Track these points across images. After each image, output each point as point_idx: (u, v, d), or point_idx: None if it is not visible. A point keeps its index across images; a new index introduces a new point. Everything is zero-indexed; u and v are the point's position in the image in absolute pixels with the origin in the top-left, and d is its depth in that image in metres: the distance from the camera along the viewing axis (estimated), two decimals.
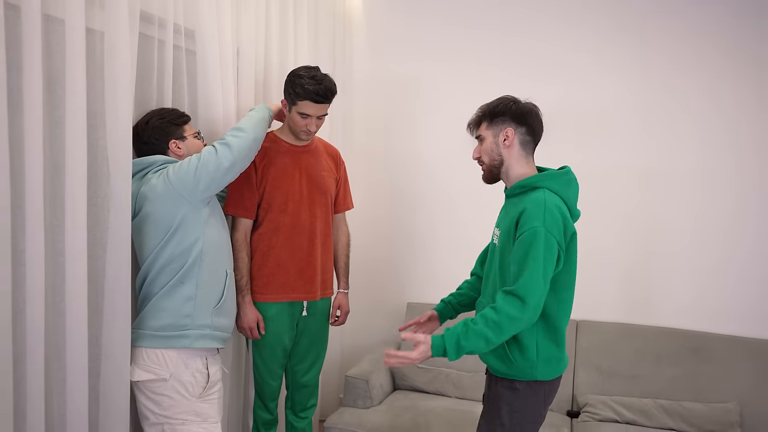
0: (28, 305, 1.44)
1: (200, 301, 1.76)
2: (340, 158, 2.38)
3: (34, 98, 1.41)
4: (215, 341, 1.83)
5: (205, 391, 1.79)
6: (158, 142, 1.83)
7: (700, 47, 2.82)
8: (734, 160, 2.79)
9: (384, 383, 2.88)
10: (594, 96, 2.98)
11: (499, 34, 3.12)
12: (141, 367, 1.72)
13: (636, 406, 2.64)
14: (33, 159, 1.42)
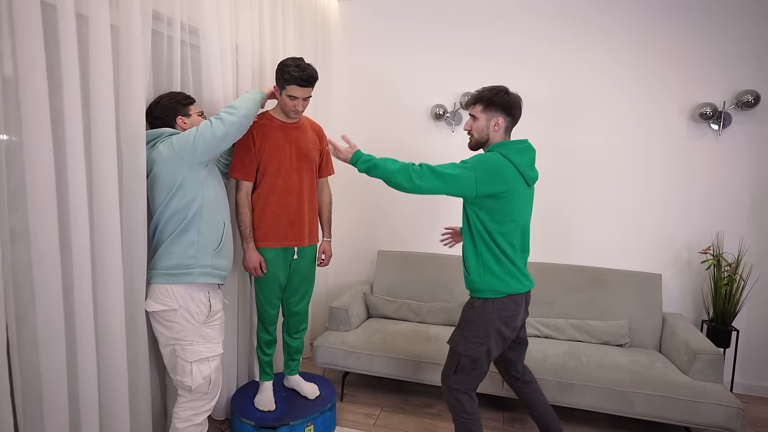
0: (74, 240, 1.47)
1: (201, 245, 1.76)
2: (323, 133, 2.39)
3: (71, 80, 1.40)
4: (215, 278, 1.82)
5: (208, 318, 1.80)
6: (167, 117, 1.82)
7: (614, 50, 2.87)
8: (635, 138, 2.88)
9: (360, 312, 2.96)
10: (562, 87, 3.02)
11: (448, 31, 3.12)
12: (155, 300, 1.73)
13: (552, 325, 2.77)
14: (73, 128, 1.42)
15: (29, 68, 1.28)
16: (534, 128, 3.01)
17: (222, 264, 1.85)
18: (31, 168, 1.32)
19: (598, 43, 2.87)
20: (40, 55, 1.29)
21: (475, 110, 1.87)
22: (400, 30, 3.21)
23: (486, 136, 1.86)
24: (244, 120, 1.77)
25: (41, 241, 1.35)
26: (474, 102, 1.88)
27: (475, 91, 1.91)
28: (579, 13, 2.88)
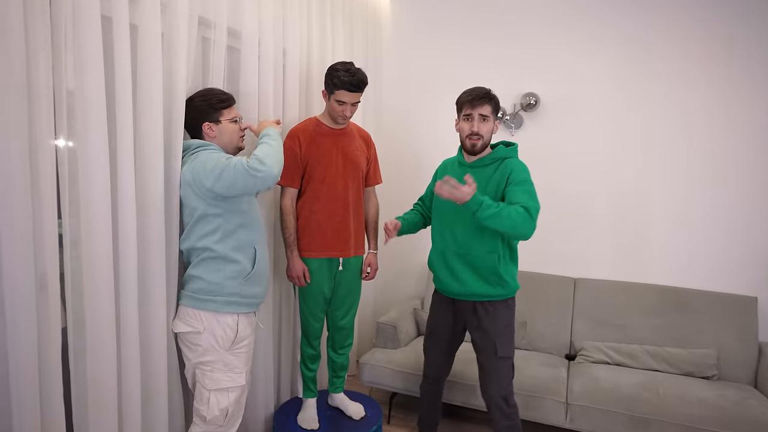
0: (121, 238, 1.60)
1: (228, 273, 1.71)
2: (371, 140, 2.45)
3: (124, 90, 1.54)
4: (243, 307, 1.77)
5: (233, 344, 1.75)
6: (193, 121, 1.76)
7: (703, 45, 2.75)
8: (724, 142, 2.73)
9: (409, 329, 2.97)
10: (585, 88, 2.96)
11: (506, 29, 3.11)
12: (182, 320, 1.74)
13: (624, 351, 2.66)
14: (125, 137, 1.56)
15: (90, 80, 1.42)
16: (601, 129, 2.92)
17: (253, 291, 1.80)
18: (89, 177, 1.46)
19: (686, 38, 2.75)
20: (99, 67, 1.43)
21: (486, 110, 1.96)
22: (455, 28, 3.23)
23: (490, 139, 2.02)
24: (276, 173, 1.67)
25: (96, 247, 1.49)
26: (486, 101, 1.95)
27: (474, 90, 1.98)
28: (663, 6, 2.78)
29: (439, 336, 2.19)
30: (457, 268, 2.04)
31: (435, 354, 2.23)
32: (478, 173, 2.02)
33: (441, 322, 2.18)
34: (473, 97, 1.95)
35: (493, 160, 2.01)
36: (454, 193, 1.80)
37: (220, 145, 1.79)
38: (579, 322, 2.85)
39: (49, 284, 1.37)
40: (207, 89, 1.80)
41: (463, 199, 1.80)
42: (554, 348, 2.84)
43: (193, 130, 1.79)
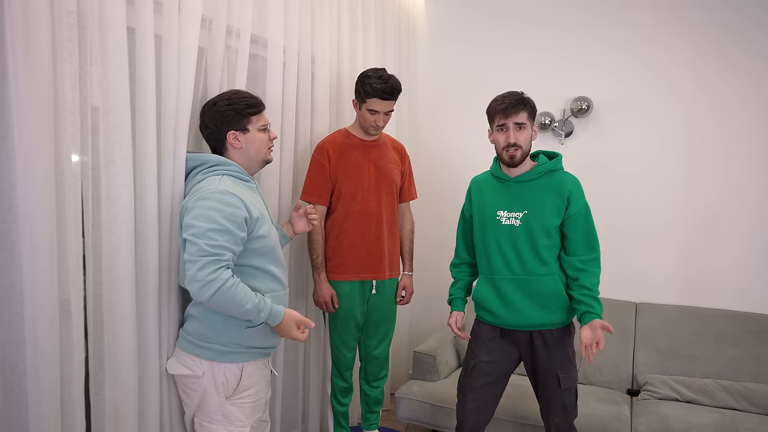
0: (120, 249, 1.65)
1: (227, 319, 1.61)
2: (405, 152, 2.48)
3: (147, 95, 1.60)
4: (246, 356, 1.65)
5: (235, 392, 1.64)
6: (216, 129, 1.67)
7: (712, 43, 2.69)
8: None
9: (449, 359, 2.94)
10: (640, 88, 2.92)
11: (552, 29, 3.11)
12: (179, 361, 1.66)
13: (696, 386, 2.56)
14: (147, 153, 1.63)
15: (117, 95, 1.48)
16: (665, 137, 2.88)
17: (260, 341, 1.68)
18: (110, 199, 1.52)
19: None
20: (125, 81, 1.50)
21: (522, 117, 1.93)
22: (495, 29, 3.25)
23: (530, 148, 1.99)
24: (235, 313, 1.55)
25: (118, 272, 1.54)
26: (521, 108, 1.93)
27: (507, 96, 1.96)
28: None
29: (485, 374, 2.07)
30: (512, 296, 1.99)
31: (476, 397, 2.08)
32: (526, 188, 1.99)
33: (487, 358, 2.06)
34: (506, 105, 1.92)
35: (542, 174, 1.99)
36: (599, 348, 1.89)
37: (246, 157, 1.71)
38: (642, 352, 2.77)
39: (72, 310, 1.41)
40: (233, 92, 1.72)
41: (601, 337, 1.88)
42: (614, 382, 2.76)
43: (214, 140, 1.70)
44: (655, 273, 2.93)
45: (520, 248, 1.97)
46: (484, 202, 2.06)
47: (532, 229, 1.96)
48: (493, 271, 2.03)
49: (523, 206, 1.98)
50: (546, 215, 1.95)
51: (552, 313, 1.98)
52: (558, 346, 2.00)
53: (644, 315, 2.83)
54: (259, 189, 1.82)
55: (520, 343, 2.05)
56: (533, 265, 1.97)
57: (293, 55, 2.25)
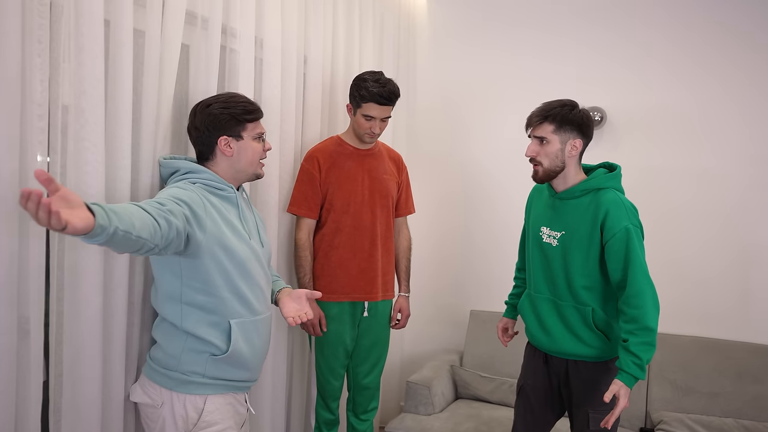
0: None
1: (189, 347, 1.57)
2: (403, 163, 2.49)
3: (124, 94, 1.59)
4: (210, 388, 1.60)
5: (195, 428, 1.58)
6: (207, 132, 1.63)
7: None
8: None
9: (446, 391, 2.93)
10: (661, 98, 2.96)
11: (562, 33, 3.15)
12: (142, 389, 1.63)
13: (715, 425, 2.57)
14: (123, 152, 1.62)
15: (91, 93, 1.47)
16: (687, 150, 2.92)
17: (226, 372, 1.62)
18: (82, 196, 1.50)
19: None
20: (101, 78, 1.49)
21: (544, 131, 1.88)
22: (504, 32, 3.28)
23: (561, 164, 1.89)
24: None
25: (84, 291, 1.52)
26: (541, 120, 1.89)
27: (538, 107, 1.94)
28: None
29: (529, 398, 2.08)
30: (547, 318, 1.98)
31: (523, 419, 2.11)
32: (567, 206, 1.94)
33: (531, 381, 2.08)
34: (529, 117, 1.95)
35: (585, 192, 1.91)
36: (618, 414, 1.76)
37: (234, 167, 1.67)
38: (657, 387, 2.78)
39: (31, 329, 1.39)
40: (229, 94, 1.69)
41: (628, 397, 1.77)
42: (626, 420, 2.75)
43: (203, 144, 1.66)
44: (673, 302, 2.93)
45: (554, 270, 1.96)
46: (534, 213, 2.08)
47: (568, 253, 1.92)
48: (533, 288, 2.05)
49: (562, 226, 1.94)
50: (580, 237, 1.89)
51: (584, 345, 1.94)
52: (593, 381, 1.93)
53: (660, 346, 2.78)
54: (247, 200, 1.80)
55: (559, 371, 2.02)
56: (564, 291, 1.95)
57: (284, 54, 2.25)
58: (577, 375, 1.96)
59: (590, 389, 1.93)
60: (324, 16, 2.52)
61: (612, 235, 1.83)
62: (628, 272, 1.80)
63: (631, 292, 1.79)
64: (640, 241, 1.84)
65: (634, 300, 1.79)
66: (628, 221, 1.82)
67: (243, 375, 1.67)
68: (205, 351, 1.58)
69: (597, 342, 1.92)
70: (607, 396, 1.74)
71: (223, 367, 1.61)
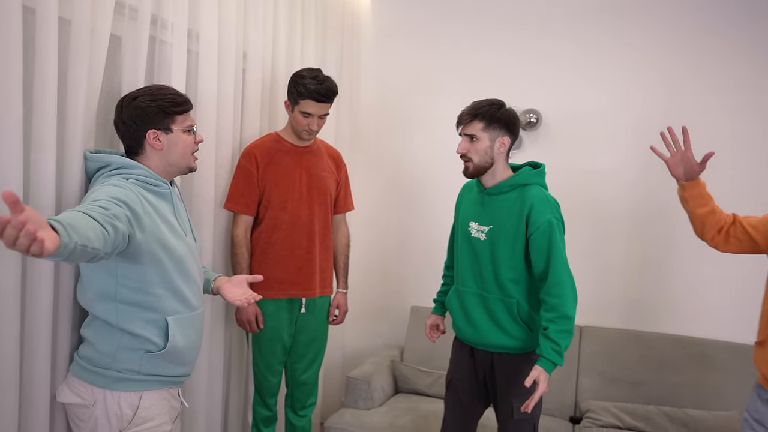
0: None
1: (124, 343, 1.54)
2: (342, 160, 2.49)
3: (47, 84, 1.52)
4: (145, 384, 1.58)
5: (130, 425, 1.56)
6: (135, 126, 1.58)
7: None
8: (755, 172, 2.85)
9: (386, 386, 2.95)
10: (588, 100, 3.07)
11: (501, 38, 3.22)
12: (70, 388, 1.58)
13: (639, 413, 2.66)
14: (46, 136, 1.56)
15: (8, 83, 1.40)
16: (615, 150, 3.03)
17: (163, 368, 1.61)
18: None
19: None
20: (18, 68, 1.42)
21: (474, 128, 1.97)
22: (447, 32, 3.31)
23: (490, 160, 1.97)
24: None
25: (1, 287, 1.46)
26: (471, 118, 1.98)
27: (468, 106, 2.02)
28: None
29: (457, 391, 2.14)
30: (474, 311, 2.04)
31: (453, 413, 2.16)
32: (494, 202, 2.00)
33: (459, 375, 2.14)
34: (459, 115, 2.01)
35: (512, 187, 1.99)
36: (537, 398, 1.84)
37: (165, 161, 1.63)
38: (585, 378, 2.87)
39: None
40: (157, 87, 1.64)
41: (547, 382, 1.86)
42: (556, 409, 2.85)
43: (131, 139, 1.61)
44: (601, 295, 3.05)
45: (482, 263, 2.02)
46: (463, 210, 2.13)
47: (495, 247, 1.98)
48: (460, 282, 2.09)
49: (490, 220, 2.00)
50: (507, 231, 1.96)
51: (509, 337, 1.99)
52: (516, 371, 1.99)
53: (589, 339, 2.94)
54: (179, 195, 1.76)
55: (485, 364, 2.07)
56: (491, 283, 2.01)
57: (221, 49, 2.21)
58: (502, 366, 2.02)
59: (514, 380, 1.99)
60: (264, 11, 2.48)
61: (536, 228, 1.90)
62: (550, 263, 1.89)
63: (552, 282, 1.88)
64: (562, 235, 1.94)
65: (555, 290, 1.87)
66: (551, 215, 1.91)
67: (179, 370, 1.66)
68: (141, 348, 1.55)
69: (521, 333, 1.99)
70: (528, 381, 1.80)
71: (159, 363, 1.59)
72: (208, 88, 2.14)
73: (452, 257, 2.24)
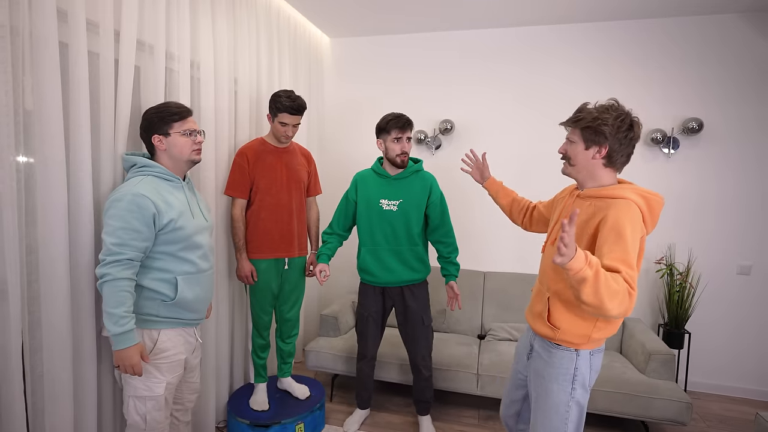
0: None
1: (146, 295, 1.53)
2: (311, 157, 2.47)
3: (81, 102, 1.48)
4: (163, 324, 1.57)
5: (151, 353, 1.55)
6: (145, 133, 1.59)
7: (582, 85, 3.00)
8: None
9: (348, 320, 2.99)
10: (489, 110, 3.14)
11: (426, 69, 3.25)
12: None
13: (523, 329, 2.81)
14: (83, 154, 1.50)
15: (50, 101, 1.35)
16: (504, 145, 3.12)
17: (180, 315, 1.60)
18: (46, 189, 1.39)
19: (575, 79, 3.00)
20: (57, 89, 1.37)
21: (410, 133, 2.16)
22: (384, 66, 3.33)
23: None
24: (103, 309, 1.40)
25: (52, 253, 1.41)
26: (411, 126, 2.12)
27: (405, 117, 2.11)
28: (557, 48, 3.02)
29: (375, 321, 2.27)
30: (389, 262, 2.16)
31: (372, 336, 2.30)
32: (402, 184, 2.16)
33: (374, 309, 2.26)
34: (403, 124, 2.07)
35: (412, 173, 2.17)
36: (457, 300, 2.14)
37: (171, 158, 1.60)
38: (488, 308, 2.98)
39: (9, 289, 1.28)
40: (164, 103, 1.63)
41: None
42: (469, 330, 2.97)
43: (146, 143, 1.61)
44: (497, 250, 3.18)
45: (396, 227, 2.13)
46: (369, 192, 2.17)
47: (406, 213, 2.12)
48: (375, 243, 2.16)
49: (399, 196, 2.13)
50: (415, 202, 2.12)
51: (416, 272, 2.18)
52: (421, 296, 2.20)
53: (490, 280, 3.05)
54: (190, 186, 1.71)
55: (394, 296, 2.21)
56: (404, 239, 2.13)
57: (217, 75, 2.16)
58: (411, 294, 2.20)
59: (421, 300, 2.20)
60: (249, 46, 2.43)
61: (436, 197, 2.16)
62: (443, 220, 2.18)
63: (446, 231, 2.19)
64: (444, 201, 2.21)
65: (449, 235, 2.20)
66: (440, 190, 2.20)
67: (190, 315, 1.64)
68: (157, 298, 1.54)
69: (421, 267, 2.19)
70: (454, 292, 2.12)
71: (173, 309, 1.57)
72: (208, 104, 2.10)
73: (338, 227, 2.28)
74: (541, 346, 1.45)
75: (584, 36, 2.93)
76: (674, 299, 2.72)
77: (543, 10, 2.78)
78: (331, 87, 3.45)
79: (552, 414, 1.35)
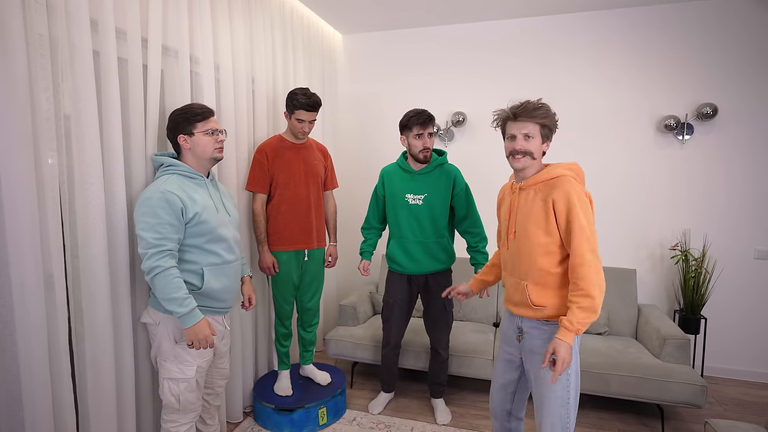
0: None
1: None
2: (327, 152, 2.53)
3: (112, 105, 1.56)
4: None
5: (182, 339, 1.61)
6: (171, 134, 1.66)
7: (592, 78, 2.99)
8: (614, 148, 2.98)
9: (366, 310, 3.05)
10: None
11: (437, 63, 3.27)
12: (147, 313, 1.65)
13: None
14: (115, 158, 1.59)
15: (86, 105, 1.44)
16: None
17: (205, 302, 1.66)
18: (84, 190, 1.48)
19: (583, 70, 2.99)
20: (92, 94, 1.46)
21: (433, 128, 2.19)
22: (396, 61, 3.36)
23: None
24: (162, 298, 1.50)
25: (93, 250, 1.51)
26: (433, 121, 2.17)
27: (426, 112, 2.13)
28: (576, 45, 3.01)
29: (400, 308, 2.34)
30: (415, 253, 2.23)
31: (397, 323, 2.36)
32: (426, 178, 2.20)
33: (400, 296, 2.32)
34: (424, 120, 2.11)
35: (436, 166, 2.21)
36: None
37: (195, 156, 1.65)
38: (502, 296, 3.01)
39: (55, 282, 1.38)
40: (188, 104, 1.68)
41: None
42: (484, 318, 3.01)
43: (173, 143, 1.68)
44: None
45: (422, 220, 2.19)
46: (395, 187, 2.24)
47: (431, 207, 2.17)
48: (402, 236, 2.23)
49: (425, 190, 2.18)
50: (440, 196, 2.17)
51: (440, 263, 2.24)
52: (444, 283, 2.27)
53: None
54: (214, 183, 1.76)
55: (420, 283, 2.29)
56: (430, 232, 2.20)
57: (236, 76, 2.23)
58: (435, 282, 2.26)
59: (442, 287, 2.26)
60: (265, 47, 2.50)
61: (460, 189, 2.20)
62: (470, 210, 2.20)
63: (473, 222, 2.21)
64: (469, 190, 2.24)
65: (477, 225, 2.21)
66: (465, 181, 2.21)
67: (218, 304, 1.70)
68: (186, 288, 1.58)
69: (446, 258, 2.25)
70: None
71: (201, 298, 1.64)
72: (228, 104, 2.17)
73: (374, 221, 2.38)
74: (532, 326, 1.50)
75: (591, 24, 2.92)
76: (689, 285, 2.72)
77: (547, 1, 2.78)
78: (344, 83, 3.50)
79: (555, 385, 1.42)
